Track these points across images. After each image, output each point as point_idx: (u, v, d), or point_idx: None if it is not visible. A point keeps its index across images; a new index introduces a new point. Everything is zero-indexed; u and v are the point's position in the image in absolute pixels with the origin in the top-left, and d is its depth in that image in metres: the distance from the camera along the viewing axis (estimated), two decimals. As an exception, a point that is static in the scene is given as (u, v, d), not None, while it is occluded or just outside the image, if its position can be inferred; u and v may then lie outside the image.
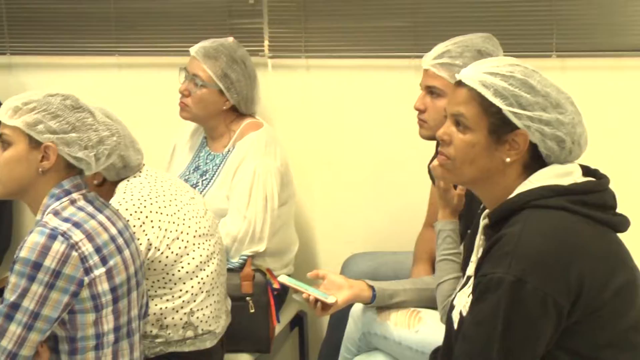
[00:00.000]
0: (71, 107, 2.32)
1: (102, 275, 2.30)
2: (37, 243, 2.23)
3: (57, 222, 2.27)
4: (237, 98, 3.26)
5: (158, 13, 3.64)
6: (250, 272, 3.11)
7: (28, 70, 3.81)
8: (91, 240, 2.29)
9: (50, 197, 2.32)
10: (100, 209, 2.39)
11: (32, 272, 2.22)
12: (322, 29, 3.46)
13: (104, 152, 2.36)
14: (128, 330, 2.41)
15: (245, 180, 3.17)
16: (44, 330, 2.26)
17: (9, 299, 2.23)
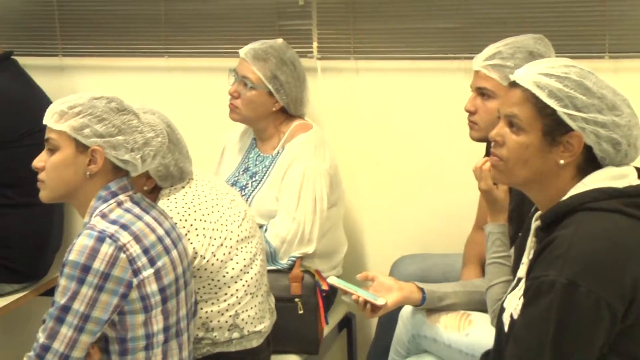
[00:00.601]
0: (116, 109, 2.33)
1: (151, 276, 2.31)
2: (86, 246, 2.24)
3: (104, 224, 2.29)
4: (286, 100, 3.26)
5: (208, 15, 3.64)
6: (299, 273, 3.11)
7: (79, 72, 3.84)
8: (139, 242, 2.30)
9: (98, 200, 2.33)
10: (147, 210, 2.40)
11: (82, 274, 2.23)
12: (371, 31, 3.45)
13: (150, 154, 2.37)
14: (177, 330, 2.42)
15: (295, 182, 3.17)
16: (95, 332, 2.27)
17: (60, 301, 2.25)
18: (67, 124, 2.30)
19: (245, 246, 2.75)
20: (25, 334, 3.86)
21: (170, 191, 2.70)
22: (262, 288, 2.81)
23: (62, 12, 3.80)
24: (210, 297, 2.70)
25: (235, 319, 2.73)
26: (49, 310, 2.27)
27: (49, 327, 2.25)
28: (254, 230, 2.82)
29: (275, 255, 3.14)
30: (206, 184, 2.77)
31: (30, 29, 3.77)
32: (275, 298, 2.97)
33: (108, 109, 2.32)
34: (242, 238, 2.75)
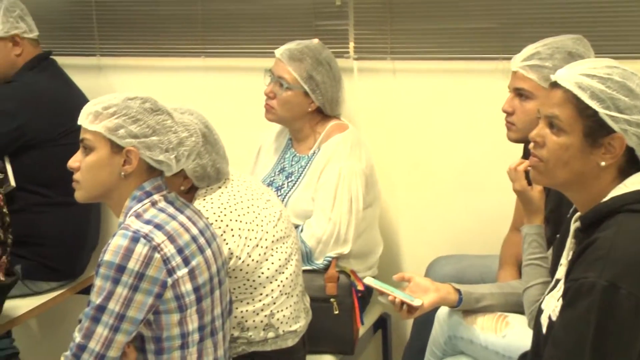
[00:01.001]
0: (150, 110, 2.34)
1: (185, 275, 2.31)
2: (121, 246, 2.25)
3: (139, 224, 2.30)
4: (322, 100, 3.26)
5: (244, 15, 3.65)
6: (335, 273, 3.11)
7: (117, 72, 3.87)
8: (173, 242, 2.31)
9: (132, 200, 2.34)
10: (181, 209, 2.40)
11: (117, 274, 2.24)
12: (408, 31, 3.44)
13: (184, 154, 2.37)
14: (212, 328, 2.42)
15: (331, 182, 3.17)
16: (130, 332, 2.28)
17: (95, 301, 2.26)
18: (102, 125, 2.31)
19: (280, 246, 2.75)
20: (63, 332, 3.90)
21: (206, 191, 2.70)
22: (297, 288, 2.81)
23: (100, 13, 3.83)
24: (246, 297, 2.71)
25: (270, 319, 2.74)
26: (84, 310, 2.29)
27: (85, 327, 2.27)
28: (289, 230, 2.82)
29: (310, 255, 3.14)
30: (242, 184, 2.77)
31: (68, 29, 3.80)
32: (311, 298, 2.98)
33: (142, 109, 2.33)
34: (278, 238, 2.75)
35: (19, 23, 3.51)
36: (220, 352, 2.46)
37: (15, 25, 3.50)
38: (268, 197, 2.82)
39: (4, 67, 3.52)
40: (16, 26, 3.50)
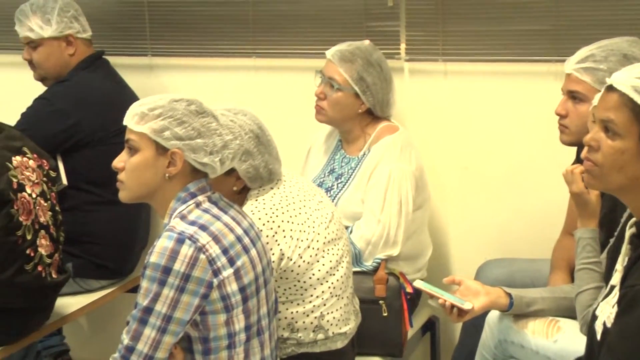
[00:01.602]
0: (196, 112, 2.34)
1: (231, 276, 2.32)
2: (166, 248, 2.26)
3: (183, 225, 2.30)
4: (372, 101, 3.25)
5: (295, 16, 3.66)
6: (384, 275, 3.10)
7: (168, 72, 3.89)
8: (218, 242, 2.31)
9: (177, 201, 2.35)
10: (225, 209, 2.40)
11: (163, 276, 2.25)
12: (460, 32, 3.42)
13: (229, 156, 2.37)
14: (258, 328, 2.43)
15: (380, 184, 3.16)
16: (177, 333, 2.29)
17: (142, 303, 2.27)
18: (148, 126, 2.32)
19: (331, 248, 2.75)
20: (112, 330, 3.92)
21: (258, 192, 2.71)
22: (347, 290, 2.81)
23: (152, 13, 3.85)
24: (296, 298, 2.71)
25: (320, 321, 2.73)
26: (132, 312, 2.30)
27: (133, 329, 2.28)
28: (340, 232, 2.81)
29: (360, 257, 3.13)
30: (294, 185, 2.77)
31: (121, 29, 3.84)
32: (360, 300, 2.97)
33: (188, 111, 2.33)
34: (329, 240, 2.74)
35: (72, 23, 3.55)
36: (267, 351, 2.46)
37: (69, 25, 3.54)
38: (320, 198, 2.82)
39: (57, 67, 3.56)
40: (70, 26, 3.54)
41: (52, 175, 3.12)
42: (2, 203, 2.87)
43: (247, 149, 2.64)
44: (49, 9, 3.52)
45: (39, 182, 3.03)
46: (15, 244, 2.90)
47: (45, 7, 3.52)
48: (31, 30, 3.52)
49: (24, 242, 2.93)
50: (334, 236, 2.77)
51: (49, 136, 3.37)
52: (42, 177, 3.06)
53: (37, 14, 3.52)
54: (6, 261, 2.89)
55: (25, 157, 3.02)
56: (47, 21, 3.51)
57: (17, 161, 2.97)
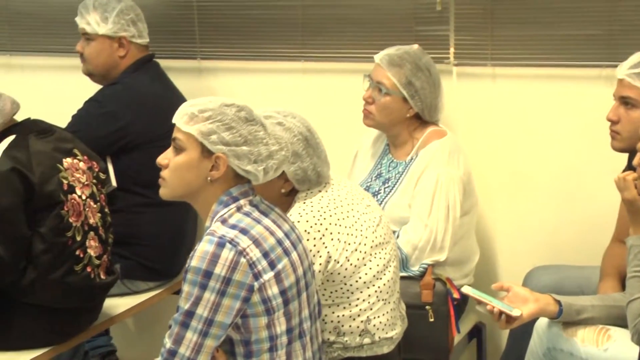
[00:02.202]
0: (245, 119, 2.34)
1: (271, 279, 2.32)
2: (207, 252, 2.26)
3: (224, 229, 2.30)
4: (421, 106, 3.24)
5: (344, 19, 3.65)
6: (431, 280, 3.09)
7: (216, 75, 3.91)
8: (258, 246, 2.31)
9: (219, 204, 2.36)
10: (265, 212, 2.41)
11: (204, 280, 2.25)
12: (510, 37, 3.40)
13: (272, 167, 2.37)
14: (300, 331, 2.42)
15: (428, 189, 3.15)
16: (219, 336, 2.30)
17: (184, 307, 2.28)
18: (196, 128, 2.32)
19: (379, 252, 2.74)
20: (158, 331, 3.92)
21: (306, 195, 2.71)
22: (394, 295, 2.80)
23: (202, 17, 3.87)
24: (343, 302, 2.70)
25: (366, 325, 2.72)
26: (174, 315, 2.31)
27: (175, 333, 2.29)
28: (388, 236, 2.81)
29: (406, 261, 3.13)
30: (342, 188, 2.77)
31: (171, 32, 3.86)
32: (406, 305, 2.95)
33: (237, 117, 2.33)
34: (377, 244, 2.74)
35: (129, 26, 3.57)
36: (308, 354, 2.46)
37: (125, 28, 3.57)
38: (368, 202, 2.81)
39: (105, 65, 3.59)
40: (125, 29, 3.57)
41: (101, 177, 3.15)
42: (52, 204, 2.91)
43: (295, 151, 2.64)
44: (110, 8, 3.57)
45: (88, 184, 3.06)
46: (65, 245, 2.94)
47: (106, 6, 3.57)
48: (88, 24, 3.56)
49: (74, 243, 2.96)
50: (382, 240, 2.76)
51: (99, 138, 3.40)
52: (92, 179, 3.09)
53: (97, 10, 3.56)
54: (56, 262, 2.92)
55: (75, 159, 3.05)
56: (105, 19, 3.55)
57: (67, 163, 3.01)
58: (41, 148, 2.95)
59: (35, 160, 2.90)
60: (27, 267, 2.90)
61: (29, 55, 4.20)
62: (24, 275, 2.90)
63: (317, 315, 2.53)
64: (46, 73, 4.19)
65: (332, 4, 3.66)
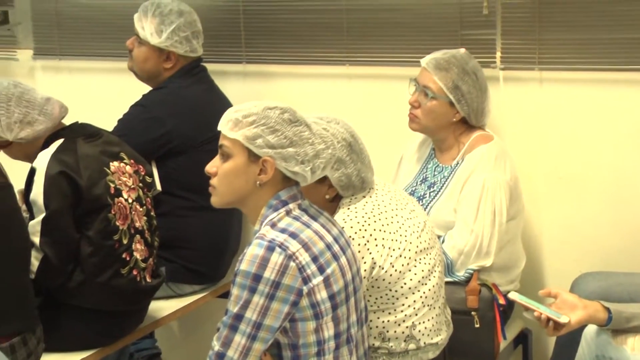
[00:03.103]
0: (289, 120, 2.34)
1: (320, 283, 2.32)
2: (256, 255, 2.27)
3: (274, 233, 2.31)
4: (467, 110, 3.22)
5: (389, 23, 3.63)
6: (476, 286, 3.07)
7: (262, 79, 3.91)
8: (308, 250, 2.31)
9: (268, 208, 2.36)
10: (315, 217, 2.41)
11: (253, 284, 2.26)
12: (557, 41, 3.36)
13: (320, 166, 2.37)
14: (347, 336, 2.42)
15: (474, 194, 3.13)
16: (267, 340, 2.30)
17: (233, 310, 2.28)
18: (241, 133, 2.33)
19: (424, 257, 2.73)
20: (203, 334, 3.96)
21: (350, 200, 2.70)
22: (439, 300, 2.78)
23: (248, 21, 3.87)
24: (388, 307, 2.70)
25: (412, 330, 2.71)
26: (222, 318, 2.32)
27: (223, 336, 2.30)
28: (433, 241, 2.79)
29: (452, 267, 3.11)
30: (386, 193, 2.76)
31: (217, 36, 3.86)
32: (452, 310, 2.94)
33: (281, 119, 2.34)
34: (421, 249, 2.72)
35: (182, 44, 3.55)
36: (354, 359, 2.45)
37: (176, 45, 3.54)
38: (412, 207, 2.80)
39: (149, 72, 3.61)
40: (177, 46, 3.54)
41: (147, 181, 3.18)
42: (100, 208, 2.94)
43: (339, 157, 2.63)
44: (168, 21, 3.53)
45: (135, 188, 3.08)
46: (112, 248, 2.96)
47: (165, 18, 3.53)
48: (142, 29, 3.55)
49: (120, 246, 2.98)
50: (426, 245, 2.75)
51: (145, 143, 3.41)
52: (138, 183, 3.11)
53: (155, 19, 3.54)
54: (103, 265, 2.95)
55: (122, 163, 3.07)
56: (159, 31, 3.53)
57: (114, 166, 3.03)
58: (89, 152, 2.98)
59: (83, 164, 2.93)
60: (74, 270, 2.93)
61: (77, 58, 4.24)
62: (71, 277, 2.93)
63: (364, 320, 2.53)
64: (94, 76, 4.23)
65: (378, 8, 3.64)
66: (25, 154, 3.04)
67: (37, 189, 2.89)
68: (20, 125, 2.95)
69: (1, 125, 2.94)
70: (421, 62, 3.25)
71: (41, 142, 2.99)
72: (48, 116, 2.98)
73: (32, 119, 2.96)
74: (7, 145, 3.01)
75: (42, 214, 2.88)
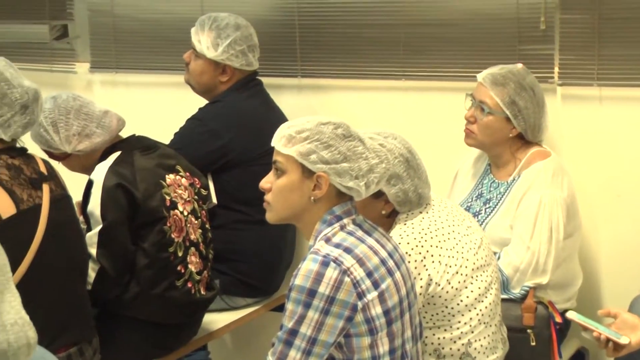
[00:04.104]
0: (342, 136, 2.34)
1: (375, 299, 2.30)
2: (311, 270, 2.26)
3: (328, 248, 2.30)
4: (524, 126, 3.19)
5: (446, 38, 3.61)
6: (533, 304, 3.04)
7: (317, 92, 3.91)
8: (362, 265, 2.30)
9: (322, 223, 2.35)
10: (369, 232, 2.39)
11: (308, 299, 2.25)
12: (617, 56, 3.31)
13: (374, 180, 2.36)
14: (402, 352, 2.40)
15: (530, 210, 3.10)
16: (322, 355, 2.29)
17: (287, 325, 2.28)
18: (295, 149, 2.32)
19: (480, 274, 2.70)
20: (255, 348, 3.98)
21: (407, 216, 2.69)
22: (496, 318, 2.76)
23: (303, 35, 3.87)
24: (443, 324, 2.67)
25: (467, 348, 2.69)
26: (277, 333, 2.31)
27: (279, 351, 2.29)
28: (489, 258, 2.77)
29: (507, 284, 3.08)
30: (443, 209, 2.74)
31: (272, 50, 3.87)
32: (507, 328, 2.91)
33: (334, 135, 2.33)
34: (478, 266, 2.70)
35: (237, 57, 3.56)
36: (408, 374, 2.43)
37: (232, 59, 3.55)
38: (469, 223, 2.78)
39: (206, 85, 3.62)
40: (232, 59, 3.55)
41: (203, 194, 3.19)
42: (155, 220, 2.96)
43: (396, 173, 2.62)
44: (224, 35, 3.54)
45: (190, 200, 3.10)
46: (167, 260, 2.98)
47: (221, 31, 3.55)
48: (199, 42, 3.56)
49: (175, 258, 3.00)
50: (483, 262, 2.73)
51: (201, 156, 3.43)
52: (194, 195, 3.13)
53: (212, 33, 3.55)
54: (158, 277, 2.96)
55: (178, 175, 3.09)
56: (216, 45, 3.54)
57: (170, 179, 3.05)
58: (145, 164, 3.00)
59: (139, 177, 2.95)
60: (130, 282, 2.95)
61: (134, 72, 4.27)
62: (127, 289, 2.95)
63: (418, 336, 2.51)
64: (150, 89, 4.26)
65: (434, 23, 3.63)
66: (82, 166, 3.08)
67: (94, 201, 2.91)
68: (79, 138, 2.98)
69: (60, 138, 2.97)
70: (478, 77, 3.23)
71: (99, 154, 3.02)
72: (106, 129, 3.01)
73: (91, 131, 2.99)
74: (65, 157, 3.05)
75: (99, 226, 2.90)
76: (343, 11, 3.82)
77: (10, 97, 2.63)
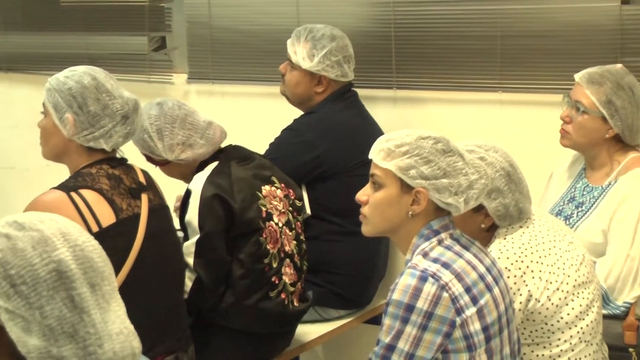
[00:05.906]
0: (442, 151, 2.31)
1: (474, 315, 2.27)
2: (409, 285, 2.24)
3: (426, 263, 2.27)
4: (621, 126, 3.08)
5: (544, 50, 3.56)
6: (635, 321, 2.96)
7: (412, 104, 3.89)
8: (460, 280, 2.27)
9: (420, 238, 2.33)
10: (466, 246, 2.36)
11: (406, 314, 2.23)
12: None
13: (473, 196, 2.33)
14: (501, 369, 2.36)
15: (630, 218, 3.01)
16: None
17: (385, 340, 2.26)
18: (394, 163, 2.30)
19: (582, 292, 2.64)
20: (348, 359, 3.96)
21: (507, 230, 2.65)
22: (597, 336, 2.69)
23: (399, 47, 3.85)
24: (543, 341, 2.62)
25: (567, 366, 2.63)
26: (374, 349, 2.29)
27: None
28: (591, 275, 2.70)
29: (607, 296, 3.00)
30: (544, 224, 2.69)
31: (368, 62, 3.86)
32: (608, 346, 2.84)
33: (434, 150, 2.30)
34: (580, 283, 2.64)
35: (333, 68, 3.57)
36: (506, 390, 2.39)
37: (328, 69, 3.56)
38: (570, 239, 2.72)
39: (301, 96, 3.63)
40: (328, 70, 3.56)
41: (297, 205, 3.20)
42: (252, 231, 2.97)
43: (497, 186, 2.58)
44: (320, 46, 3.56)
45: (285, 212, 3.11)
46: (262, 271, 2.99)
47: (317, 42, 3.57)
48: (295, 54, 3.59)
49: (270, 269, 3.01)
50: (585, 279, 2.66)
51: (296, 167, 3.44)
52: (288, 207, 3.14)
53: (307, 44, 3.57)
54: (253, 287, 2.98)
55: (273, 187, 3.10)
56: (311, 56, 3.56)
57: (266, 190, 3.06)
58: (242, 175, 3.02)
59: (236, 187, 2.97)
60: (225, 292, 2.97)
61: (230, 83, 4.31)
62: (222, 299, 2.97)
63: (517, 353, 2.46)
64: (246, 100, 4.29)
65: (532, 34, 3.58)
66: (180, 174, 3.11)
67: (192, 211, 2.94)
68: (182, 147, 3.02)
69: (164, 145, 3.01)
70: (575, 76, 3.15)
71: (197, 163, 3.05)
72: (209, 140, 3.03)
73: (194, 142, 3.02)
74: (165, 164, 3.08)
75: (197, 236, 2.93)
76: (439, 23, 3.81)
77: (112, 108, 2.67)
